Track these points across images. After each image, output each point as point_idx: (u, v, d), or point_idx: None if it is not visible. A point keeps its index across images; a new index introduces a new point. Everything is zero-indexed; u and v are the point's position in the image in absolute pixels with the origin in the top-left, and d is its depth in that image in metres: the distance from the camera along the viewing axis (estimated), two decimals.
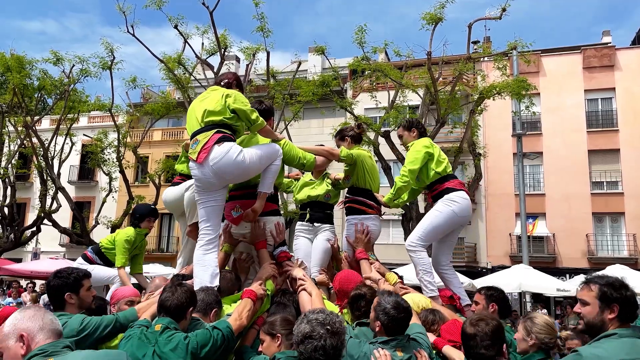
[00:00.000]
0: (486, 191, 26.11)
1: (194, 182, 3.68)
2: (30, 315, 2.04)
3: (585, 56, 26.09)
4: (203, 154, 3.43)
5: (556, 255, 24.68)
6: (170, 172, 25.07)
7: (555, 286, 13.73)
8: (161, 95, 26.08)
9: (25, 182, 31.72)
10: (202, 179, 3.51)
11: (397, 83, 18.61)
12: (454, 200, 4.29)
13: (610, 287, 2.50)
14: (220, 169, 3.42)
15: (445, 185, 4.36)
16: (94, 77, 21.11)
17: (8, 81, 22.85)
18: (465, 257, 25.55)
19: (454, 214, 4.28)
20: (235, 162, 3.42)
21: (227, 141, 3.46)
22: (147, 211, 5.89)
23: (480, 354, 2.63)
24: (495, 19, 16.91)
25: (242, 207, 3.79)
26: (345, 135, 4.68)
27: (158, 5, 18.22)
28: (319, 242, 4.55)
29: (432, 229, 4.30)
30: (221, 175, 3.47)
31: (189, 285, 2.97)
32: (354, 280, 3.62)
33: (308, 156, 4.14)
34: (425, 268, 4.24)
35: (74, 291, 3.03)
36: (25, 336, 1.97)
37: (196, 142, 3.51)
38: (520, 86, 17.02)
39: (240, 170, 3.50)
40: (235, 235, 3.94)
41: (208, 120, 3.53)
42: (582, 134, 25.51)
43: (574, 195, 24.78)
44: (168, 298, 2.78)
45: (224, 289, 3.44)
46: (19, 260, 24.73)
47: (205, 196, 3.58)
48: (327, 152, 4.36)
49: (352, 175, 4.50)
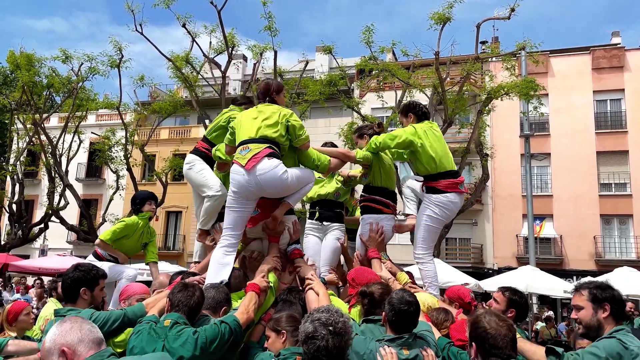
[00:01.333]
0: (493, 192, 26.01)
1: (231, 188, 3.70)
2: (67, 328, 1.99)
3: (595, 57, 25.94)
4: (252, 162, 3.56)
5: (563, 257, 24.55)
6: (177, 170, 25.20)
7: (562, 288, 13.62)
8: (169, 94, 26.19)
9: (34, 179, 31.92)
10: (244, 185, 3.60)
11: (405, 83, 18.57)
12: (439, 204, 4.24)
13: (598, 289, 2.83)
14: (264, 181, 3.55)
15: (444, 182, 4.25)
16: (102, 75, 21.24)
17: (17, 79, 23.03)
18: (472, 258, 25.47)
19: (441, 217, 4.31)
20: (280, 179, 3.58)
21: (276, 158, 3.63)
22: (147, 195, 5.89)
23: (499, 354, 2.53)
24: (504, 19, 16.85)
25: (260, 208, 3.83)
26: (365, 133, 4.63)
27: (167, 4, 18.31)
28: (329, 241, 4.55)
29: (429, 234, 4.38)
30: (263, 187, 3.59)
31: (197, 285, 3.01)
32: (370, 275, 3.62)
33: (322, 158, 4.14)
34: (432, 281, 4.33)
35: (90, 287, 3.08)
36: (67, 351, 1.92)
37: (247, 150, 3.64)
38: (528, 87, 16.95)
39: (281, 188, 3.66)
40: (249, 235, 3.96)
41: (263, 134, 3.68)
42: (590, 135, 25.36)
43: (582, 197, 24.64)
44: (189, 298, 2.80)
45: (232, 286, 3.46)
46: (27, 256, 24.88)
47: (238, 204, 3.68)
48: (342, 154, 4.35)
49: (369, 174, 4.47)
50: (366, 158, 4.34)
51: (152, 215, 5.80)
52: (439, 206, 4.24)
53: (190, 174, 4.65)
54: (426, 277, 4.35)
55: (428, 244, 4.38)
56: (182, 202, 29.49)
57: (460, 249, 26.62)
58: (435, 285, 4.34)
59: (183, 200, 29.16)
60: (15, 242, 23.48)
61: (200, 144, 4.80)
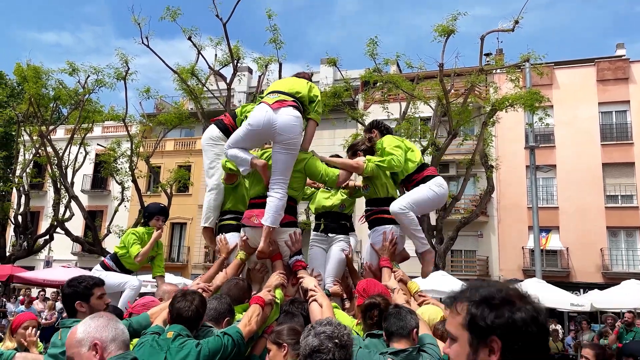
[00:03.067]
0: (499, 204, 25.90)
1: (248, 122, 3.94)
2: (103, 324, 1.99)
3: (599, 69, 25.93)
4: (279, 105, 3.90)
5: (570, 269, 24.34)
6: (182, 181, 25.26)
7: (569, 301, 13.52)
8: (174, 106, 26.35)
9: (40, 191, 32.07)
10: (261, 121, 3.86)
11: (409, 95, 18.61)
12: (440, 184, 4.41)
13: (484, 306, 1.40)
14: (282, 122, 3.82)
15: (424, 173, 4.42)
16: (108, 87, 21.42)
17: (24, 91, 23.24)
18: (477, 270, 25.30)
19: (438, 197, 4.40)
20: (294, 128, 3.85)
21: (299, 112, 3.96)
22: (156, 209, 5.82)
23: None
24: (508, 31, 16.91)
25: (259, 217, 3.83)
26: (358, 150, 4.58)
27: (173, 17, 18.49)
28: (334, 253, 4.49)
29: (422, 201, 4.34)
30: (276, 128, 3.82)
31: (202, 294, 2.98)
32: (379, 287, 3.57)
33: (330, 173, 4.11)
34: (417, 226, 4.36)
35: (84, 299, 3.07)
36: (99, 345, 1.93)
37: (276, 95, 3.98)
38: (533, 98, 16.95)
39: (289, 136, 3.83)
40: (252, 245, 3.95)
41: (293, 90, 4.06)
42: (596, 146, 25.26)
43: (588, 209, 24.48)
44: (186, 307, 2.78)
45: (235, 296, 3.44)
46: (32, 268, 24.90)
47: (249, 138, 3.97)
48: (351, 166, 4.30)
49: (371, 186, 4.44)
50: (373, 172, 4.30)
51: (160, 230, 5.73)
52: (441, 187, 4.39)
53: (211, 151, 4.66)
54: (411, 223, 4.27)
55: (415, 209, 4.31)
56: (187, 214, 29.53)
57: (465, 261, 26.47)
58: (419, 229, 4.38)
59: (188, 212, 29.21)
60: (21, 254, 23.53)
61: (228, 118, 4.72)
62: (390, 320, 2.86)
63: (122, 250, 5.61)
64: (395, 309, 2.91)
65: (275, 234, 3.88)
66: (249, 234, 3.95)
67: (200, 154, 5.16)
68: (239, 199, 4.53)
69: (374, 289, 3.42)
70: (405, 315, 2.86)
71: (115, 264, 5.63)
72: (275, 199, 3.84)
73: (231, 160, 4.06)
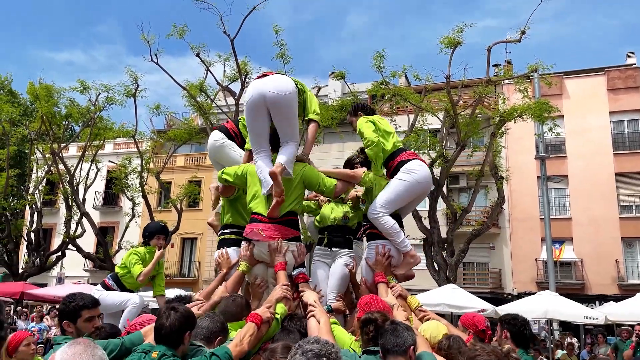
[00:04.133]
0: (510, 215, 25.63)
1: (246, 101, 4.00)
2: (80, 351, 1.89)
3: (610, 77, 25.72)
4: (272, 74, 4.03)
5: (585, 281, 23.93)
6: (192, 197, 25.34)
7: (582, 314, 13.24)
8: (184, 122, 26.56)
9: (52, 208, 32.37)
10: (251, 93, 3.95)
11: (417, 107, 18.58)
12: (413, 169, 4.27)
13: None
14: (274, 88, 3.87)
15: (398, 159, 4.34)
16: (119, 105, 21.67)
17: (37, 110, 23.60)
18: (490, 283, 24.97)
19: (417, 182, 4.26)
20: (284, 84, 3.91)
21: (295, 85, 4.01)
22: (157, 229, 5.78)
23: None
24: (515, 41, 16.87)
25: (266, 231, 3.80)
26: (355, 163, 4.55)
27: (180, 35, 18.70)
28: (337, 267, 4.41)
29: (395, 197, 4.23)
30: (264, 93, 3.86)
31: (185, 308, 2.88)
32: (382, 303, 3.51)
33: (328, 182, 4.09)
34: (394, 229, 4.17)
35: (71, 320, 3.03)
36: None
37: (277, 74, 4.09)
38: (542, 108, 16.81)
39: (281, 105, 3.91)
40: (256, 257, 3.91)
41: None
42: (608, 156, 24.97)
43: (602, 220, 24.12)
44: (162, 324, 2.67)
45: (232, 312, 3.37)
46: (44, 284, 25.08)
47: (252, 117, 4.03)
48: (349, 175, 4.27)
49: (368, 200, 4.37)
50: (370, 183, 4.27)
51: (162, 250, 5.71)
52: (415, 171, 4.25)
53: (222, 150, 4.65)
54: (387, 227, 4.14)
55: (389, 206, 4.21)
56: (197, 229, 29.58)
57: (478, 273, 26.14)
58: (398, 231, 4.20)
59: (198, 227, 29.25)
60: (33, 271, 23.69)
61: (230, 123, 4.76)
62: (387, 337, 2.79)
63: (122, 270, 5.58)
64: (392, 325, 2.83)
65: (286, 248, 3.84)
66: (255, 248, 3.89)
67: (210, 169, 5.15)
68: (239, 212, 4.50)
69: (376, 305, 3.35)
70: (401, 332, 2.77)
71: (116, 284, 5.60)
72: (290, 146, 4.00)
73: (257, 169, 4.03)
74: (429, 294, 14.40)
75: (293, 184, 3.97)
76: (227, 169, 4.35)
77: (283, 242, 3.81)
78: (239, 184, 4.31)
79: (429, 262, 18.06)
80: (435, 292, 14.70)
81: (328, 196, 4.42)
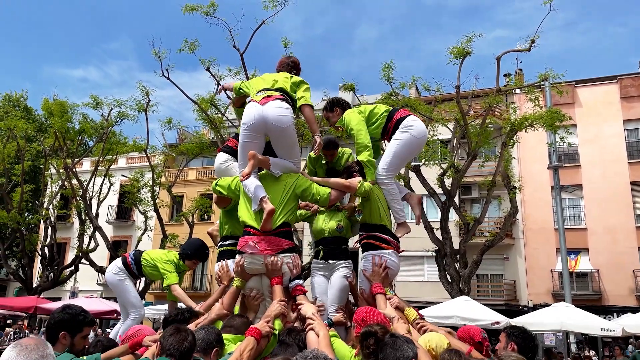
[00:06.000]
0: (524, 226, 25.30)
1: (242, 122, 4.08)
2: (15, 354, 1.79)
3: (622, 85, 25.45)
4: (266, 100, 4.03)
5: (602, 292, 23.46)
6: (204, 210, 25.41)
7: (599, 325, 12.94)
8: (196, 135, 26.70)
9: (66, 222, 32.67)
10: (253, 117, 3.98)
11: (427, 117, 18.51)
12: (409, 125, 4.41)
13: None
14: (272, 115, 3.94)
15: (395, 118, 4.48)
16: (131, 119, 21.88)
17: (51, 125, 23.94)
18: (505, 295, 24.58)
19: (414, 137, 4.42)
20: (284, 118, 3.97)
21: (288, 104, 4.08)
22: (200, 255, 5.53)
23: None
24: (524, 51, 16.76)
25: (260, 244, 3.76)
26: (353, 170, 4.49)
27: (191, 50, 18.85)
28: (336, 280, 4.34)
29: (396, 157, 4.41)
30: (268, 121, 3.94)
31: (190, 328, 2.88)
32: (379, 316, 3.44)
33: (322, 191, 4.06)
34: (395, 197, 4.41)
35: (71, 332, 2.95)
36: None
37: (263, 92, 4.11)
38: (553, 117, 16.64)
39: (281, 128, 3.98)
40: (248, 270, 3.87)
41: (279, 86, 4.19)
42: (623, 165, 24.61)
43: (618, 229, 23.71)
44: (181, 343, 2.64)
45: (236, 326, 3.34)
46: (58, 299, 25.23)
47: (249, 138, 4.05)
48: (344, 185, 4.23)
49: (364, 210, 4.34)
50: (366, 193, 4.21)
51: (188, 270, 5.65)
52: (411, 127, 4.41)
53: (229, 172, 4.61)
54: (390, 194, 4.38)
55: (393, 168, 4.43)
56: (209, 242, 29.43)
57: (492, 285, 25.77)
58: (398, 200, 4.44)
59: (210, 240, 29.21)
60: (47, 285, 23.86)
61: (232, 141, 4.79)
62: (386, 350, 2.72)
63: (147, 262, 5.45)
64: (392, 338, 2.77)
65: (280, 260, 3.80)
66: (247, 261, 3.85)
67: None
68: (237, 223, 4.47)
69: (373, 318, 3.29)
70: (401, 345, 2.71)
71: (135, 265, 5.49)
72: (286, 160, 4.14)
73: (245, 188, 3.99)
74: (442, 306, 14.21)
75: (286, 195, 3.95)
76: (220, 181, 4.34)
77: (278, 255, 3.77)
78: (232, 197, 4.31)
79: (442, 274, 17.85)
80: (448, 304, 14.50)
81: (322, 205, 4.39)
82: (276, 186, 4.00)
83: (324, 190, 4.08)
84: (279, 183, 4.03)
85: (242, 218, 4.00)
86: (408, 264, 23.73)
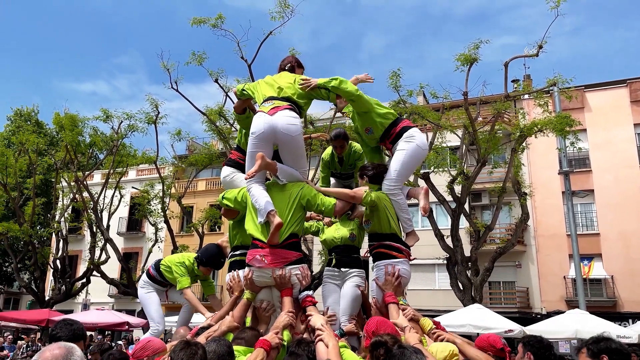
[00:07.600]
0: (536, 232, 25.07)
1: (251, 132, 4.06)
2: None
3: (632, 89, 25.24)
4: (275, 110, 4.02)
5: (616, 299, 23.12)
6: (214, 220, 25.48)
7: (614, 332, 12.71)
8: (205, 147, 26.82)
9: (78, 235, 32.88)
10: (261, 127, 3.98)
11: (435, 125, 18.47)
12: (413, 135, 4.44)
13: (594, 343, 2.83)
14: (281, 125, 3.95)
15: (401, 125, 4.51)
16: (140, 132, 22.06)
17: (62, 139, 24.20)
18: (518, 303, 24.31)
19: (419, 147, 4.45)
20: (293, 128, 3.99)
21: (295, 113, 4.10)
22: (215, 263, 5.45)
23: None
24: (532, 56, 16.70)
25: (267, 257, 3.76)
26: (364, 174, 4.50)
27: (199, 62, 19.00)
28: (348, 289, 4.30)
29: (404, 168, 4.41)
30: (277, 131, 3.96)
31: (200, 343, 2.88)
32: (391, 327, 3.41)
33: (327, 201, 4.04)
34: (403, 207, 4.43)
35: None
36: None
37: (271, 102, 4.09)
38: (563, 122, 16.54)
39: (290, 137, 4.00)
40: (257, 283, 3.86)
41: (285, 94, 4.17)
42: (635, 169, 24.34)
43: (632, 234, 23.40)
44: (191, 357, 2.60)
45: (247, 338, 3.34)
46: (70, 311, 25.33)
47: (257, 147, 4.03)
48: (349, 195, 4.22)
49: (373, 220, 4.31)
50: (372, 202, 4.18)
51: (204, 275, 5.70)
52: (414, 137, 4.43)
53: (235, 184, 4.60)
54: (399, 204, 4.41)
55: (401, 178, 4.45)
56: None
57: (505, 292, 25.51)
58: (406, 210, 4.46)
59: None
60: (59, 298, 23.98)
61: (235, 154, 4.80)
62: None
63: (165, 267, 5.54)
64: (399, 349, 2.73)
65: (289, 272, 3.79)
66: (256, 274, 3.84)
67: None
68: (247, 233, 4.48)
69: (383, 330, 3.26)
70: (409, 356, 2.68)
71: (158, 275, 5.59)
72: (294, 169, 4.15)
73: (252, 198, 3.98)
74: (454, 315, 14.08)
75: (292, 206, 3.94)
76: (227, 193, 4.34)
77: (286, 267, 3.76)
78: (239, 209, 4.31)
79: (453, 282, 17.71)
80: (461, 312, 14.38)
81: (328, 215, 4.39)
82: (282, 196, 3.99)
83: (329, 201, 4.06)
84: (284, 193, 4.02)
85: (250, 231, 4.00)
86: (419, 272, 23.57)
